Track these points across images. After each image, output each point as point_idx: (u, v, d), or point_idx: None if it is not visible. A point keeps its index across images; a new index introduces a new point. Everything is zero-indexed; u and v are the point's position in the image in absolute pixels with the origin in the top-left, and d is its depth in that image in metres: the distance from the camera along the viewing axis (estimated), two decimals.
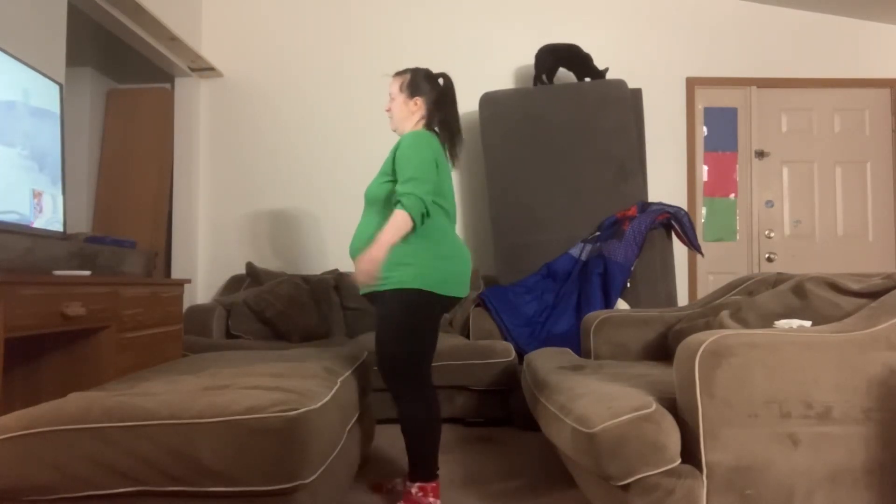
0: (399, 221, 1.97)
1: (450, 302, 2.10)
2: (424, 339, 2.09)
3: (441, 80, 2.26)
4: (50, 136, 2.47)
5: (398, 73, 2.28)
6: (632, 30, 4.54)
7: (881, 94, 4.56)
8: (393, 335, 2.05)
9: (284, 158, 4.49)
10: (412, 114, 2.24)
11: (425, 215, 2.02)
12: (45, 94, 2.45)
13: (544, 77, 4.10)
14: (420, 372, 2.09)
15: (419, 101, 2.22)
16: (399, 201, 1.98)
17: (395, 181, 2.08)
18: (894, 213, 4.52)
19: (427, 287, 2.02)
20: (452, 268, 2.09)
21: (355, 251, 2.17)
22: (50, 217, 2.44)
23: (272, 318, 3.70)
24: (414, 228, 2.00)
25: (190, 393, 1.60)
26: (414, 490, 2.05)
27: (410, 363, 2.06)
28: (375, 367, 2.15)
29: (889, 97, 4.55)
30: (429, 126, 2.25)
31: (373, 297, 2.09)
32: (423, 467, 2.07)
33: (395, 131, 2.29)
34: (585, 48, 4.32)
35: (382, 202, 2.12)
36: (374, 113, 4.20)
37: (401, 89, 2.24)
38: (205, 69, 4.35)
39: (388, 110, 2.29)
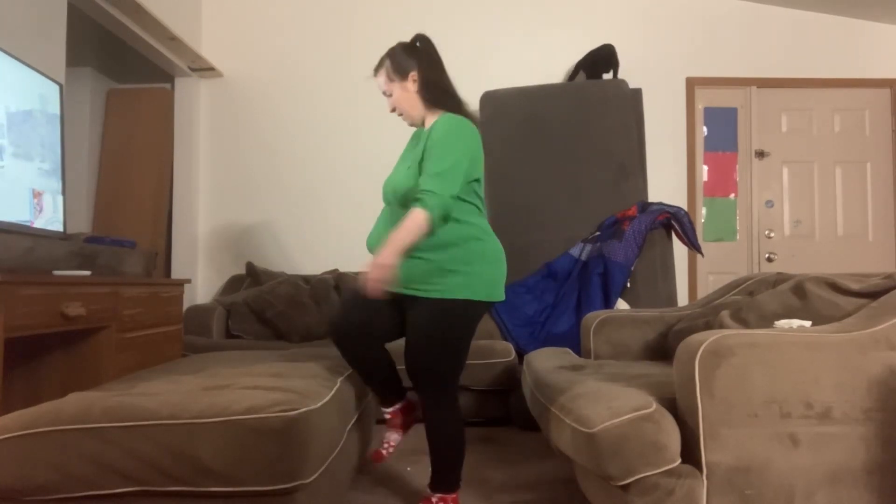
0: (418, 223, 1.78)
1: (489, 306, 1.99)
2: (465, 349, 1.97)
3: (419, 44, 2.03)
4: (50, 137, 2.47)
5: (377, 68, 2.03)
6: (632, 30, 4.53)
7: (881, 94, 4.56)
8: (434, 346, 1.91)
9: (285, 158, 4.49)
10: (417, 93, 2.00)
11: (444, 219, 1.86)
12: (45, 95, 2.45)
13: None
14: (456, 381, 1.98)
15: (415, 74, 1.98)
16: (420, 198, 1.78)
17: None
18: (894, 213, 4.52)
19: (473, 297, 1.89)
20: (496, 271, 1.96)
21: (376, 246, 1.94)
22: (50, 217, 2.44)
23: (272, 318, 3.69)
24: (465, 228, 1.88)
25: (190, 393, 1.60)
26: (434, 500, 1.96)
27: (450, 373, 1.95)
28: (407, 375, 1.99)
29: (889, 97, 4.55)
30: (424, 92, 2.00)
31: (408, 298, 1.92)
32: (447, 477, 1.97)
33: (413, 125, 2.07)
34: (586, 48, 4.32)
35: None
36: (374, 112, 4.20)
37: (390, 79, 2.00)
38: (205, 69, 4.35)
39: (394, 110, 2.04)
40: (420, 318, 1.91)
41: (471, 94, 4.18)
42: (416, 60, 1.99)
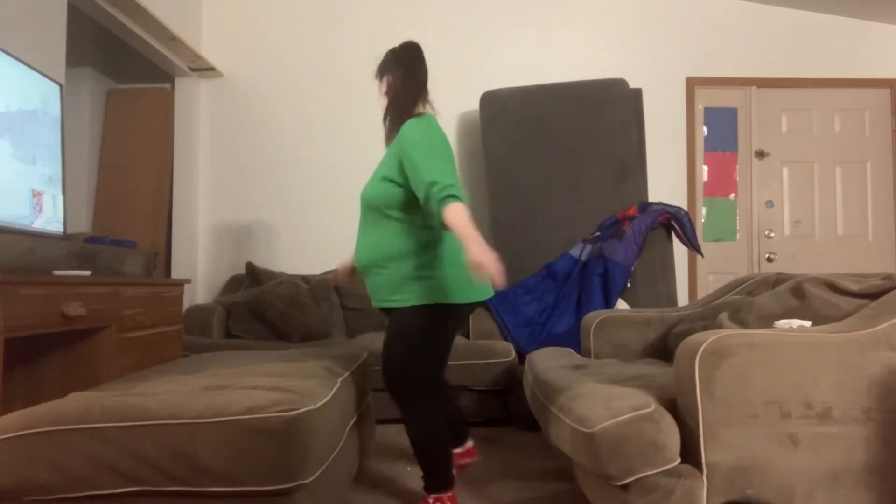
0: (464, 213, 1.71)
1: (472, 307, 1.98)
2: (444, 353, 1.97)
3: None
4: (50, 137, 2.47)
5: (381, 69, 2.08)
6: (632, 30, 4.54)
7: (881, 94, 4.56)
8: (404, 353, 1.92)
9: (284, 158, 4.49)
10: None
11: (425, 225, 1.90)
12: (45, 95, 2.45)
13: None
14: (434, 383, 1.97)
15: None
16: (451, 196, 1.72)
17: (394, 182, 1.91)
18: (894, 213, 4.52)
19: (447, 300, 1.89)
20: (463, 273, 1.93)
21: (363, 261, 2.00)
22: (50, 217, 2.44)
23: (272, 318, 3.69)
24: (428, 234, 1.91)
25: (190, 393, 1.60)
26: (430, 501, 1.96)
27: (426, 377, 1.94)
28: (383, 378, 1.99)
29: (889, 97, 4.55)
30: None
31: (385, 311, 2.01)
32: (438, 477, 1.96)
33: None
34: (586, 48, 4.34)
35: (377, 208, 1.95)
36: (374, 113, 4.19)
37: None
38: (205, 69, 4.35)
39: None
40: (392, 327, 1.96)
41: (471, 94, 4.22)
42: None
